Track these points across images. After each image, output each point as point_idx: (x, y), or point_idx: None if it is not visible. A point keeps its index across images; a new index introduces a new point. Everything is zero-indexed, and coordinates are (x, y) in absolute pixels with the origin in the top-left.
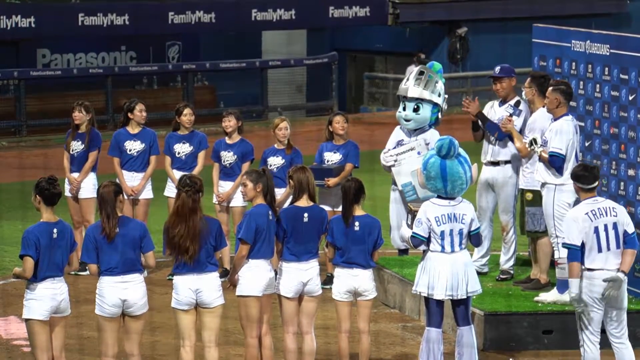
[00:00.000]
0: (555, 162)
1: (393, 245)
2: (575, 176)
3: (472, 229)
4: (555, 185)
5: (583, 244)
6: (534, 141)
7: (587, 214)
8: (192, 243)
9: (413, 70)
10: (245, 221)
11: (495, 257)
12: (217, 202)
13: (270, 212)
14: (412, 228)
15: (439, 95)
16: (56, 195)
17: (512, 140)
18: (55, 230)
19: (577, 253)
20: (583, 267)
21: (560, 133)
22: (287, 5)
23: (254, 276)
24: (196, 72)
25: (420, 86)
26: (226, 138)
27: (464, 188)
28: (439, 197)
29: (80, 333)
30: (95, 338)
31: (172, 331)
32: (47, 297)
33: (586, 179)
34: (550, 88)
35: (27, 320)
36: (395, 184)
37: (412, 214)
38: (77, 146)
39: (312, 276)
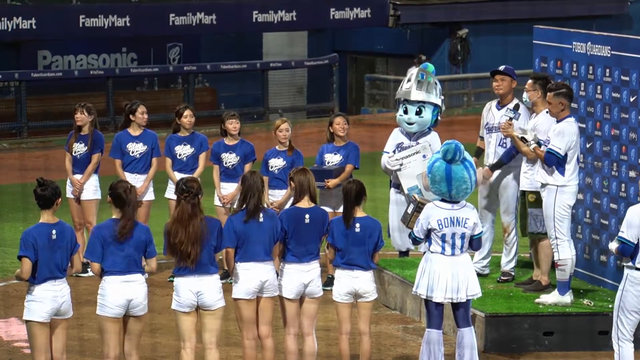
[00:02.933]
0: (550, 160)
1: (394, 247)
2: None
3: (475, 233)
4: (557, 186)
5: (638, 243)
6: (523, 140)
7: None
8: (193, 247)
9: (412, 72)
10: (224, 225)
11: (496, 258)
12: (220, 205)
13: (261, 214)
14: (411, 217)
15: (439, 97)
16: (48, 198)
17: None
18: (54, 232)
19: (630, 250)
20: (630, 264)
21: (562, 134)
22: (288, 7)
23: (245, 279)
24: (197, 73)
25: (423, 89)
26: (225, 139)
27: (468, 192)
28: (442, 200)
29: (81, 334)
30: (96, 339)
31: (172, 333)
32: (47, 299)
33: None
34: (552, 93)
35: (26, 322)
36: (395, 186)
37: (415, 203)
38: (79, 148)
39: (313, 277)
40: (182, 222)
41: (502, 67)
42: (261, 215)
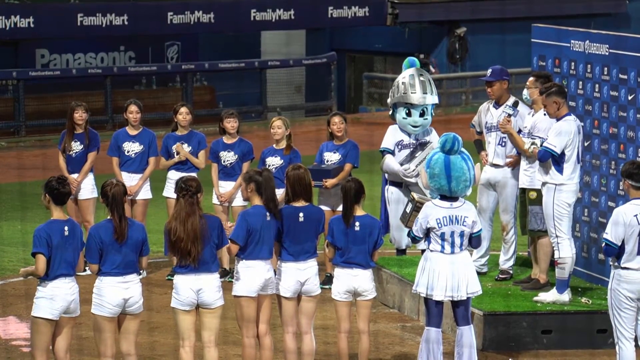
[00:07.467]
0: (542, 156)
1: (393, 245)
2: (628, 174)
3: (474, 231)
4: (555, 185)
5: (622, 243)
6: (533, 145)
7: (635, 216)
8: (193, 245)
9: (406, 76)
10: (237, 221)
11: (495, 257)
12: (218, 203)
13: (267, 213)
14: (410, 217)
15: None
16: (66, 194)
17: (511, 140)
18: (66, 228)
19: (614, 251)
20: (616, 264)
21: (560, 134)
22: (286, 6)
23: (248, 277)
24: (195, 72)
25: (429, 91)
26: (224, 138)
27: (467, 186)
28: (441, 198)
29: (79, 333)
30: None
31: (171, 331)
32: (59, 296)
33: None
34: (544, 95)
35: (34, 318)
36: (393, 184)
37: (413, 202)
38: (76, 147)
39: (310, 276)
40: (180, 220)
41: (488, 72)
42: (268, 214)
